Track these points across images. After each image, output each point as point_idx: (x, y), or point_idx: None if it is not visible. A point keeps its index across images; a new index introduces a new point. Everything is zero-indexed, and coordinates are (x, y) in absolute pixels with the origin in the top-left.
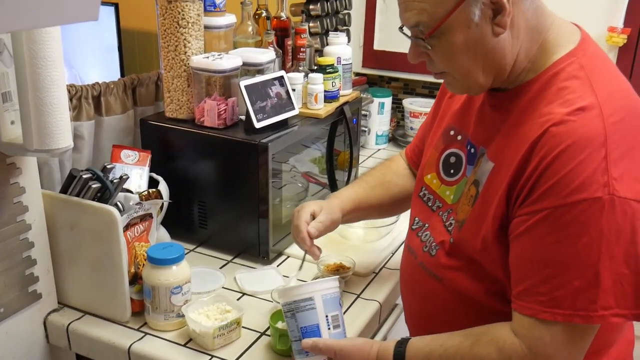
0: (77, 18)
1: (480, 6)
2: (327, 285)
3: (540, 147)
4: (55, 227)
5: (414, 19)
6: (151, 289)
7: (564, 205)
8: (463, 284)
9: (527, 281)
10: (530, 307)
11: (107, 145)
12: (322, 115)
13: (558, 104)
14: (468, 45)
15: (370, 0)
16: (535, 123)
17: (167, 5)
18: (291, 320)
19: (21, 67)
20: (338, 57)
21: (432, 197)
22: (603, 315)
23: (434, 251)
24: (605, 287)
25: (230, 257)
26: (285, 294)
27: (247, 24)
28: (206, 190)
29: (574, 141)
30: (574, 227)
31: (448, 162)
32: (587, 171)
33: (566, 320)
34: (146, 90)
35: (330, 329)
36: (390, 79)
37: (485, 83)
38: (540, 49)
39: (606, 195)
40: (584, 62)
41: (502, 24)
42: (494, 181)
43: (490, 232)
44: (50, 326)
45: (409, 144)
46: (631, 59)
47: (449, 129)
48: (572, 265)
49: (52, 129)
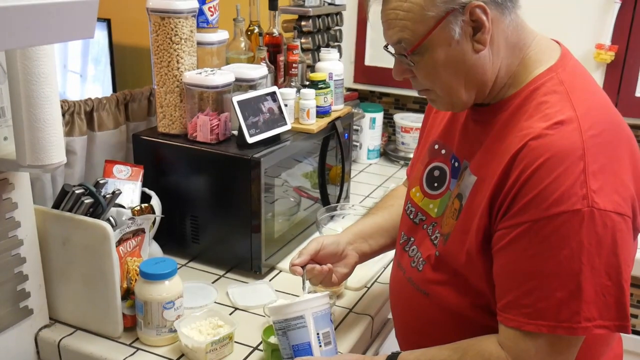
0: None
1: (460, 24)
2: (318, 302)
3: (520, 161)
4: (47, 243)
5: (396, 36)
6: (143, 304)
7: (544, 218)
8: (449, 299)
9: (511, 294)
10: (515, 320)
11: (99, 161)
12: (314, 131)
13: (537, 118)
14: (449, 61)
15: (362, 16)
16: (516, 137)
17: (160, 22)
18: (283, 338)
19: (15, 84)
20: (330, 73)
21: (414, 210)
22: (586, 326)
23: (421, 266)
24: (588, 298)
25: (222, 271)
26: (276, 312)
27: (239, 40)
28: (198, 205)
29: (552, 154)
30: (554, 240)
31: (432, 175)
32: (565, 184)
33: (550, 331)
34: (139, 106)
35: (322, 346)
36: (382, 94)
37: (468, 99)
38: (521, 65)
39: (585, 207)
40: (564, 77)
41: (482, 41)
42: (476, 194)
43: (474, 245)
44: (42, 342)
45: (408, 166)
46: (619, 75)
47: (434, 143)
48: (554, 277)
49: (45, 145)
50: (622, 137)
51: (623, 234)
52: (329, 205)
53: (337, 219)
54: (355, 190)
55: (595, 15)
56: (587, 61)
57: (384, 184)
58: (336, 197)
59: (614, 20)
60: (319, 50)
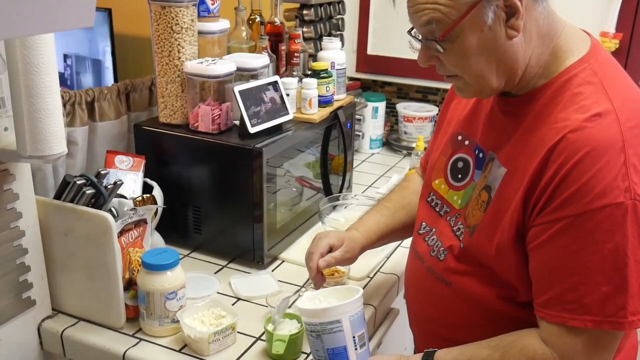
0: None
1: (494, 9)
2: (354, 305)
3: (558, 155)
4: (49, 233)
5: (427, 17)
6: (146, 294)
7: (587, 212)
8: (473, 289)
9: (553, 289)
10: (559, 315)
11: (100, 151)
12: (316, 120)
13: (573, 109)
14: (481, 48)
15: (364, 5)
16: (551, 129)
17: (161, 11)
18: (316, 341)
19: (15, 74)
20: (332, 62)
21: (439, 202)
22: (632, 321)
23: (442, 256)
24: (633, 292)
25: (224, 262)
26: (312, 315)
27: (241, 29)
28: (200, 196)
29: (593, 148)
30: (598, 234)
31: (456, 167)
32: (607, 177)
33: (596, 326)
34: (140, 96)
35: (357, 349)
36: (384, 84)
37: (498, 86)
38: (551, 54)
39: (628, 200)
40: (597, 68)
41: (515, 27)
42: (507, 187)
43: (506, 238)
44: (45, 333)
45: (423, 156)
46: (623, 63)
47: (457, 134)
48: (598, 271)
49: (46, 135)
50: None
51: None
52: (332, 195)
53: (339, 209)
54: (357, 180)
55: (599, 3)
56: None
57: (387, 174)
58: (338, 187)
59: (618, 8)
60: (321, 39)
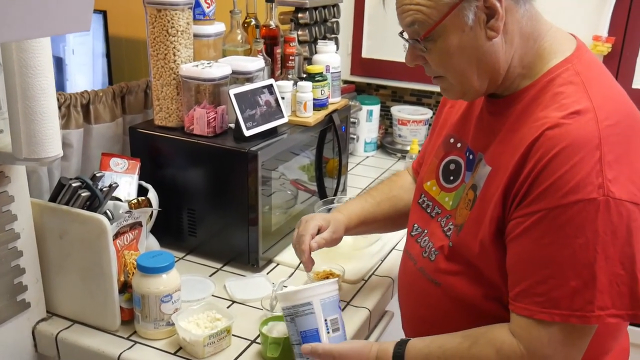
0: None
1: (474, 10)
2: (326, 289)
3: (536, 150)
4: (44, 236)
5: (410, 18)
6: (141, 297)
7: (560, 207)
8: (461, 289)
9: (524, 282)
10: (528, 308)
11: (96, 154)
12: (311, 123)
13: (553, 108)
14: (462, 48)
15: (359, 8)
16: (532, 127)
17: (157, 14)
18: (291, 325)
19: (10, 76)
20: (327, 65)
21: (431, 204)
22: (600, 315)
23: (433, 256)
24: (602, 287)
25: (219, 265)
26: (285, 298)
27: (236, 32)
28: (195, 198)
29: (569, 143)
30: (569, 228)
31: (448, 169)
32: (582, 173)
33: (563, 320)
34: (135, 98)
35: (330, 332)
36: (379, 87)
37: (480, 87)
38: (535, 55)
39: (601, 196)
40: (580, 68)
41: (495, 28)
42: (491, 185)
43: (488, 234)
44: (39, 335)
45: (416, 159)
46: (615, 67)
47: (449, 137)
48: (568, 265)
49: (42, 138)
50: (637, 128)
51: (638, 223)
52: (326, 198)
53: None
54: (352, 183)
55: (592, 7)
56: None
57: (381, 177)
58: (333, 190)
59: (610, 11)
60: (316, 43)
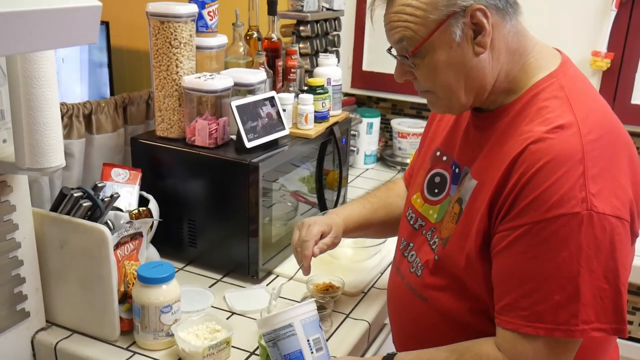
0: (77, 41)
1: (461, 26)
2: (305, 309)
3: (520, 164)
4: (45, 245)
5: (398, 35)
6: (141, 308)
7: (543, 221)
8: (447, 304)
9: (509, 296)
10: (512, 322)
11: (97, 164)
12: (312, 136)
13: (538, 122)
14: (450, 64)
15: (359, 21)
16: (516, 141)
17: (160, 26)
18: (274, 350)
19: (15, 86)
20: (328, 78)
21: (414, 216)
22: (584, 329)
23: (419, 271)
24: (586, 301)
25: (219, 276)
26: (264, 324)
27: (238, 44)
28: (196, 209)
29: (552, 158)
30: (553, 242)
31: (433, 181)
32: (565, 187)
33: (548, 334)
34: (137, 109)
35: (314, 352)
36: (379, 99)
37: (467, 102)
38: (521, 70)
39: (584, 210)
40: (564, 82)
41: (482, 44)
42: (477, 198)
43: (474, 248)
44: (38, 345)
45: (407, 169)
46: (614, 83)
47: (436, 150)
48: (552, 279)
49: (45, 148)
50: (620, 142)
51: (621, 237)
52: (326, 210)
53: None
54: (352, 195)
55: (591, 23)
56: (583, 68)
57: None
58: (333, 202)
59: (610, 27)
60: (317, 55)
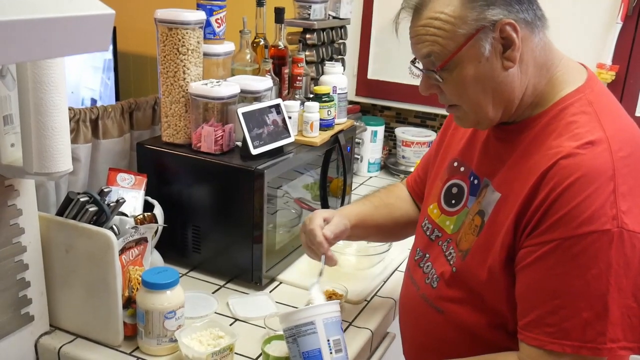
0: (89, 48)
1: (490, 41)
2: (328, 309)
3: (550, 179)
4: (51, 250)
5: (426, 49)
6: (145, 313)
7: (573, 237)
8: (464, 317)
9: (535, 312)
10: (538, 338)
11: (103, 168)
12: (317, 143)
13: (567, 137)
14: (478, 78)
15: (365, 30)
16: (544, 155)
17: (168, 32)
18: (293, 346)
19: (24, 91)
20: (334, 86)
21: (430, 227)
22: (611, 347)
23: (435, 283)
24: (614, 319)
25: (223, 282)
26: (286, 319)
27: (245, 52)
28: (200, 215)
29: (583, 174)
30: (582, 259)
31: (450, 192)
32: (596, 204)
33: (574, 352)
34: (143, 115)
35: (333, 353)
36: (383, 108)
37: (495, 117)
38: (548, 84)
39: (615, 228)
40: (592, 98)
41: (511, 58)
42: (500, 211)
43: (498, 262)
44: (42, 349)
45: (411, 174)
46: (619, 95)
47: (454, 161)
48: (580, 296)
49: (53, 153)
50: None
51: None
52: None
53: None
54: None
55: (596, 35)
56: None
57: None
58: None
59: (615, 40)
60: (323, 63)
